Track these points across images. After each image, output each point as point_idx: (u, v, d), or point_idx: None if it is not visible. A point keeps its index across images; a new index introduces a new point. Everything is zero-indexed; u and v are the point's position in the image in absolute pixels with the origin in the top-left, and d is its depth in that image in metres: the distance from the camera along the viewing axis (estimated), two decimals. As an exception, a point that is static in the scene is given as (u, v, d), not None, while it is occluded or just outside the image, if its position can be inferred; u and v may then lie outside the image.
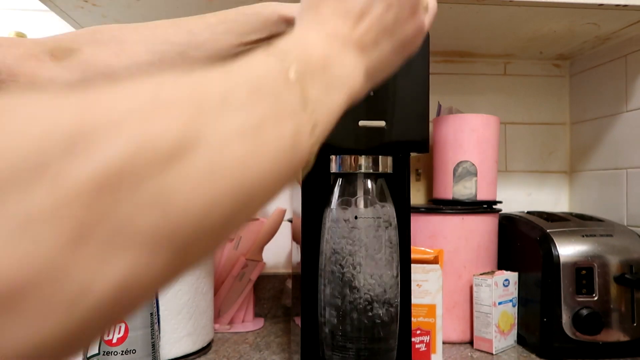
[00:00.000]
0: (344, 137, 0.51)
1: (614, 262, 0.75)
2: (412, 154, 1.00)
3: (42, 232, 0.16)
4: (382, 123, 0.51)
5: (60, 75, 0.47)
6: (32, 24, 0.99)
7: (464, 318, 0.82)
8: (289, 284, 1.00)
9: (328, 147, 0.52)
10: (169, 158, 0.19)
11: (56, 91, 0.19)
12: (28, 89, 0.19)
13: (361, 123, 0.51)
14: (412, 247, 0.65)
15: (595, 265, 0.75)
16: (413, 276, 0.69)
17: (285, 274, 1.02)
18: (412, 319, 0.68)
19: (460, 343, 0.83)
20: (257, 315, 0.99)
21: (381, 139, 0.51)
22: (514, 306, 0.81)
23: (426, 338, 0.71)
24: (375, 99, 0.51)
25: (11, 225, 0.15)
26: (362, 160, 0.54)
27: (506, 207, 1.03)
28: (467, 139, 0.86)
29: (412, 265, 0.67)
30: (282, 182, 0.25)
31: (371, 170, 0.54)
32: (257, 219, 0.93)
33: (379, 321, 0.53)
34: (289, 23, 0.56)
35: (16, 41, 0.47)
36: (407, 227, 0.58)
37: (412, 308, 0.61)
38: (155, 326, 0.45)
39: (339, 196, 0.55)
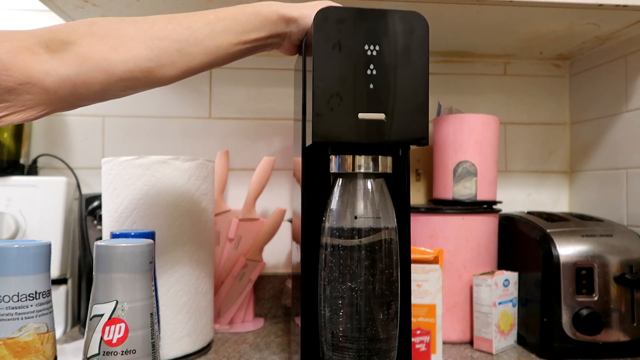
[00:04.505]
0: (344, 130, 0.50)
1: (614, 262, 0.75)
2: (412, 155, 1.01)
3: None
4: (381, 116, 0.51)
5: (55, 68, 0.47)
6: (32, 24, 0.99)
7: (464, 318, 0.82)
8: (289, 284, 1.00)
9: (329, 142, 0.52)
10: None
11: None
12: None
13: (361, 116, 0.51)
14: (412, 247, 0.65)
15: (595, 265, 0.75)
16: (413, 276, 0.69)
17: (285, 274, 1.02)
18: (412, 319, 0.68)
19: (460, 343, 0.83)
20: (257, 315, 0.99)
21: (381, 132, 0.51)
22: (514, 306, 0.81)
23: (426, 338, 0.71)
24: (375, 92, 0.51)
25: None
26: (362, 160, 0.54)
27: (506, 207, 1.04)
28: (467, 139, 0.86)
29: (412, 265, 0.67)
30: None
31: (371, 170, 0.54)
32: (257, 219, 0.93)
33: (379, 321, 0.53)
34: (288, 22, 0.56)
35: (8, 34, 0.46)
36: (407, 227, 0.58)
37: (412, 308, 0.61)
38: (155, 326, 0.45)
39: (338, 196, 0.55)
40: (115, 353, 0.42)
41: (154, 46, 0.50)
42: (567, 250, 0.75)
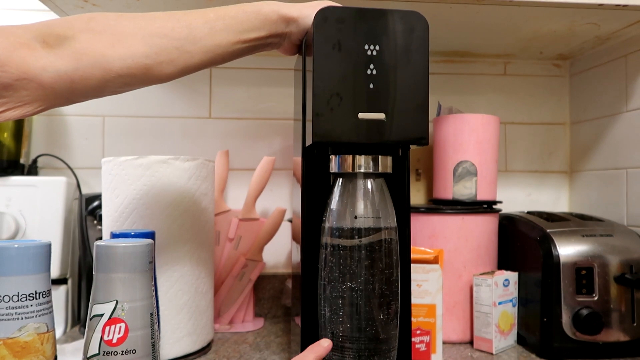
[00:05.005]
0: (344, 130, 0.50)
1: (614, 262, 0.75)
2: (412, 155, 1.01)
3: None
4: (381, 116, 0.51)
5: (52, 63, 0.46)
6: (32, 24, 0.99)
7: (464, 318, 0.82)
8: (289, 284, 1.00)
9: (329, 142, 0.52)
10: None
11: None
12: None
13: (361, 116, 0.51)
14: (412, 247, 0.65)
15: (595, 265, 0.75)
16: (413, 276, 0.69)
17: (285, 274, 1.02)
18: (412, 319, 0.68)
19: (460, 343, 0.83)
20: (257, 315, 0.99)
21: (381, 132, 0.51)
22: (514, 306, 0.81)
23: (426, 338, 0.71)
24: (375, 92, 0.51)
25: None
26: (362, 160, 0.54)
27: (506, 207, 1.04)
28: (467, 139, 0.86)
29: (412, 265, 0.67)
30: None
31: (371, 170, 0.54)
32: (257, 219, 0.93)
33: (379, 321, 0.53)
34: (288, 22, 0.56)
35: (4, 30, 0.46)
36: (407, 227, 0.58)
37: (412, 308, 0.61)
38: (155, 326, 0.45)
39: (338, 196, 0.55)
40: (115, 353, 0.42)
41: (152, 43, 0.50)
42: (567, 250, 0.75)
